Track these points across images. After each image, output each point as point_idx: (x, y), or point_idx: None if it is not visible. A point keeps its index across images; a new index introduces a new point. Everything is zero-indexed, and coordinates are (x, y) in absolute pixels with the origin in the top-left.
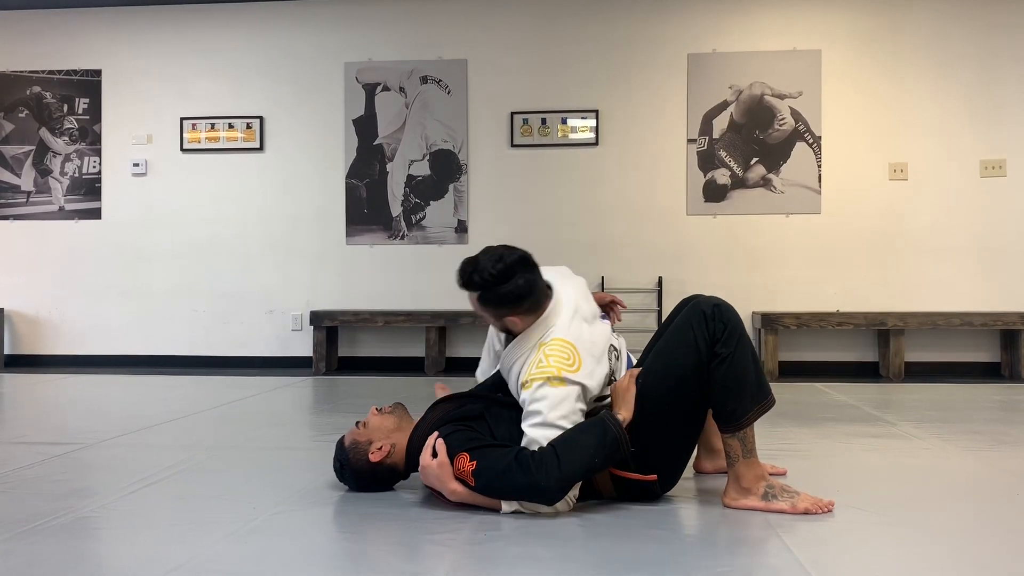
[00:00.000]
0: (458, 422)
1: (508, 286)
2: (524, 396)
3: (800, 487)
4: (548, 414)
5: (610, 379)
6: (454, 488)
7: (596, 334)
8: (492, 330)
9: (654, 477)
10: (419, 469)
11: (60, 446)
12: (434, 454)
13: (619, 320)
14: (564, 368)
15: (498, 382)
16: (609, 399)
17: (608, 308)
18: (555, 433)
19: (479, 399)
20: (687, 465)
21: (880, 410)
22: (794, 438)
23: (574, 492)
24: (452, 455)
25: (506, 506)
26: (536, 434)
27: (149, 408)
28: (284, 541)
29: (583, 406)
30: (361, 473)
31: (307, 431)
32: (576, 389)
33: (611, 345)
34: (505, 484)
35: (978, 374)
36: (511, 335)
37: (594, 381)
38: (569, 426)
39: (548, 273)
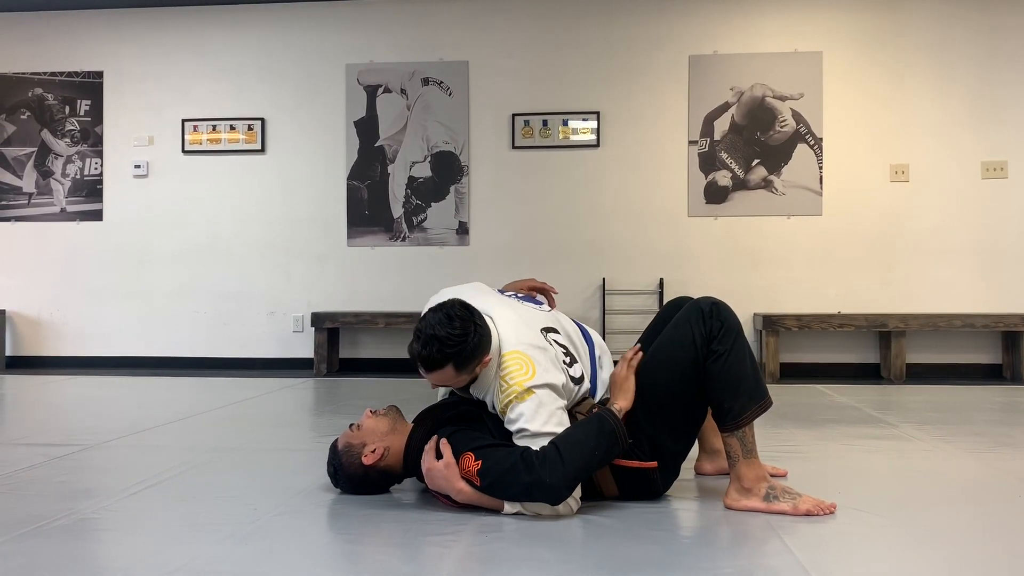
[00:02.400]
0: (458, 422)
1: (474, 336)
2: (506, 422)
3: (801, 489)
4: (531, 426)
5: (566, 355)
6: (461, 488)
7: (525, 327)
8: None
9: (654, 464)
10: (424, 473)
11: (61, 447)
12: (438, 456)
13: (553, 305)
14: (524, 379)
15: None
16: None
17: (540, 292)
18: (547, 440)
19: (472, 403)
20: (687, 464)
21: (881, 412)
22: (795, 439)
23: (577, 493)
24: (456, 455)
25: (508, 507)
26: (531, 445)
27: (150, 410)
28: (285, 542)
29: (561, 402)
30: (355, 476)
31: (308, 433)
32: (545, 391)
33: (542, 328)
34: (511, 483)
35: (979, 376)
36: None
37: (555, 368)
38: (558, 428)
39: (466, 297)
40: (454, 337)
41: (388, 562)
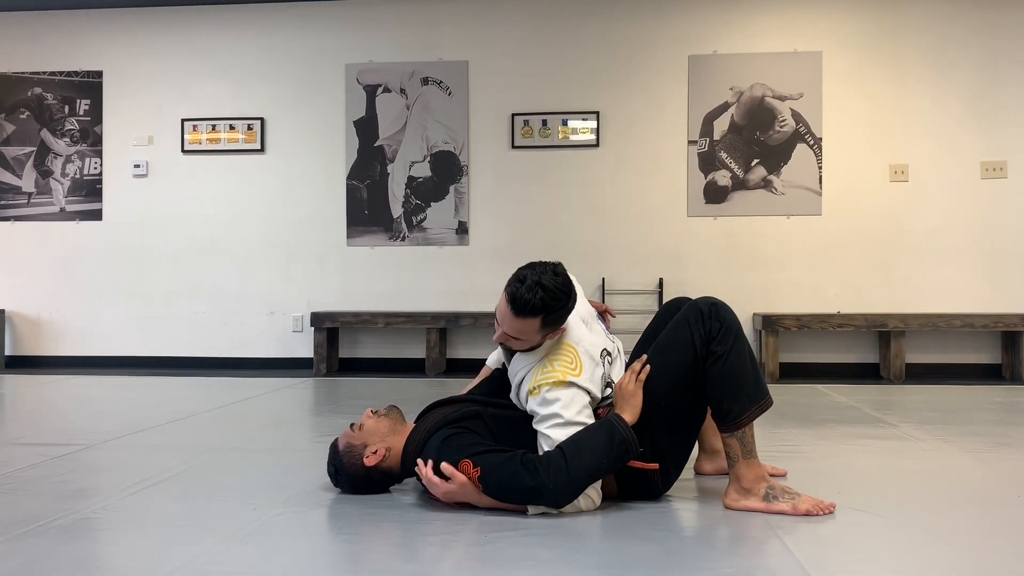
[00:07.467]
0: (454, 424)
1: (569, 300)
2: (533, 403)
3: (801, 488)
4: (566, 413)
5: (606, 382)
6: (481, 499)
7: (593, 336)
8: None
9: (655, 466)
10: (439, 497)
11: (61, 447)
12: (442, 476)
13: (607, 326)
14: (568, 372)
15: (492, 389)
16: (611, 399)
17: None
18: (576, 430)
19: (474, 402)
20: (687, 464)
21: (881, 412)
22: (795, 439)
23: (597, 488)
24: (454, 462)
25: (532, 508)
26: (558, 434)
27: (150, 409)
28: (285, 542)
29: (589, 408)
30: (356, 477)
31: (307, 432)
32: (581, 391)
33: (604, 349)
34: (512, 488)
35: (979, 376)
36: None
37: (593, 385)
38: (588, 420)
39: None
40: (559, 290)
41: (388, 561)
